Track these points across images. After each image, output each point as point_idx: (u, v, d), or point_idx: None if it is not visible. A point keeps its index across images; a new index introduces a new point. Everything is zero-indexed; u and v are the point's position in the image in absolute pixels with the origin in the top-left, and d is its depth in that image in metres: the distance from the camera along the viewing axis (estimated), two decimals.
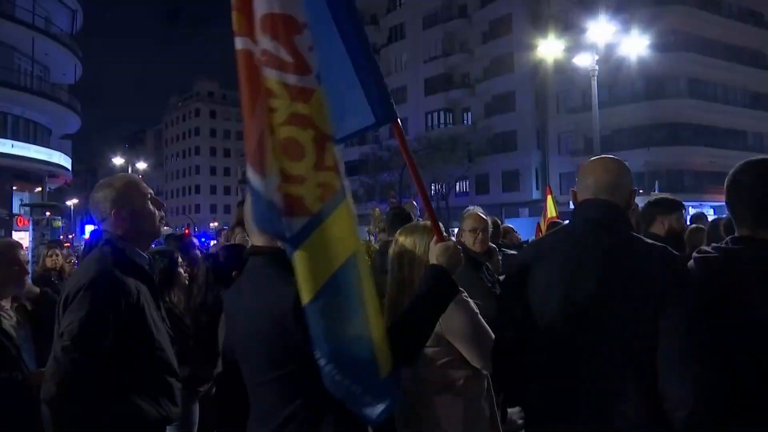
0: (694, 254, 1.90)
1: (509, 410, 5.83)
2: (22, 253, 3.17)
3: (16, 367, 2.77)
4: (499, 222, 5.80)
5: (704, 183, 33.99)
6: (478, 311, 2.53)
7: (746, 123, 39.01)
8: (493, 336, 2.51)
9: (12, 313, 3.07)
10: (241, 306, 1.87)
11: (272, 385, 1.77)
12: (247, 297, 1.88)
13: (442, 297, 1.88)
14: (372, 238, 11.76)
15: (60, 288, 6.00)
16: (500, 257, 5.16)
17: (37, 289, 3.42)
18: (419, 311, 1.85)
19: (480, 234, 4.16)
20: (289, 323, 1.67)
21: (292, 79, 1.61)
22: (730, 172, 1.86)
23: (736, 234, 1.84)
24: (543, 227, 9.05)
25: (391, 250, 2.60)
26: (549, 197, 9.64)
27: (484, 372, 2.53)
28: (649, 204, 3.94)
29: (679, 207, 3.87)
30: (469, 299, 2.55)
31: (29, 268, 3.36)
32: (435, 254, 1.94)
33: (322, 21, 1.81)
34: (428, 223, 2.59)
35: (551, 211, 9.65)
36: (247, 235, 2.06)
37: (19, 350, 2.87)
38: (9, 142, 28.37)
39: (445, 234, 2.05)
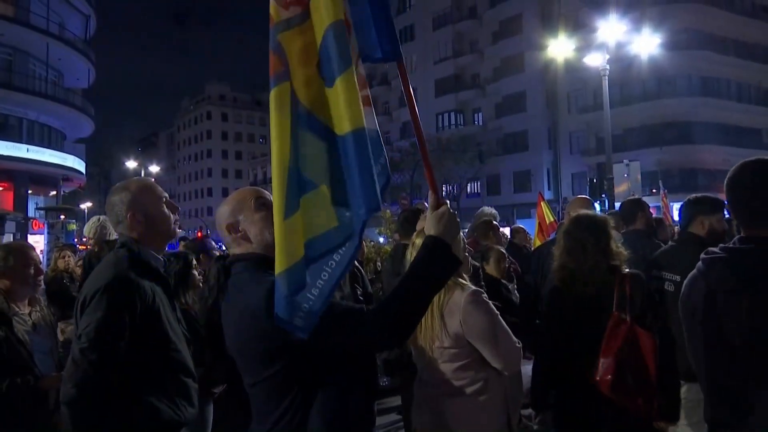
0: (702, 255, 1.90)
1: (523, 413, 5.82)
2: (35, 254, 3.23)
3: (28, 371, 2.83)
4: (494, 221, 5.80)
5: (718, 182, 33.23)
6: (498, 312, 2.54)
7: (760, 120, 38.54)
8: (513, 337, 2.52)
9: (27, 318, 3.12)
10: (227, 313, 1.89)
11: (264, 384, 1.78)
12: (229, 303, 1.90)
13: (439, 271, 1.70)
14: (382, 239, 11.77)
15: (70, 290, 6.09)
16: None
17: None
18: (410, 287, 1.68)
19: None
20: (264, 321, 1.66)
21: None
22: (728, 174, 1.87)
23: (742, 234, 1.83)
24: (545, 230, 8.95)
25: (408, 253, 2.63)
26: (543, 203, 9.59)
27: (505, 373, 2.54)
28: (689, 203, 3.73)
29: (721, 207, 3.64)
30: (488, 300, 2.56)
31: (43, 270, 3.41)
32: (429, 223, 1.75)
33: None
34: None
35: (548, 216, 9.58)
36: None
37: (31, 355, 2.93)
38: (24, 146, 28.71)
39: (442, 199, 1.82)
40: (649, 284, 2.99)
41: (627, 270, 2.86)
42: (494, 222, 5.65)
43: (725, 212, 3.70)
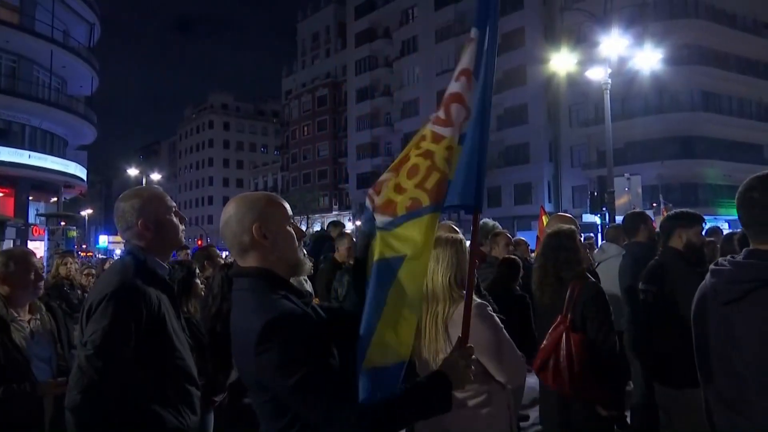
0: (711, 266, 1.93)
1: (522, 424, 5.81)
2: (36, 260, 3.24)
3: (24, 377, 2.84)
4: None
5: (719, 197, 33.72)
6: (503, 326, 2.54)
7: (761, 136, 38.69)
8: (518, 351, 2.52)
9: (26, 325, 3.12)
10: (233, 329, 1.83)
11: (262, 405, 1.76)
12: (233, 320, 1.83)
13: (433, 409, 1.79)
14: None
15: (71, 297, 6.09)
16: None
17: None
18: (400, 409, 1.71)
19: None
20: (252, 356, 1.64)
21: (437, 128, 2.04)
22: (740, 188, 1.89)
23: (751, 247, 1.86)
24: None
25: None
26: (543, 217, 9.61)
27: (508, 387, 2.54)
28: (668, 217, 3.91)
29: (699, 221, 3.81)
30: (494, 313, 2.56)
31: (43, 276, 3.40)
32: (447, 364, 1.86)
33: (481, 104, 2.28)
34: (451, 235, 2.64)
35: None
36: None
37: (28, 361, 2.93)
38: (26, 152, 28.81)
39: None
40: (598, 290, 3.39)
41: (585, 280, 3.36)
42: (508, 235, 5.78)
43: (703, 226, 3.87)
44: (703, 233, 6.50)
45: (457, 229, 2.87)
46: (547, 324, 3.37)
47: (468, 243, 2.81)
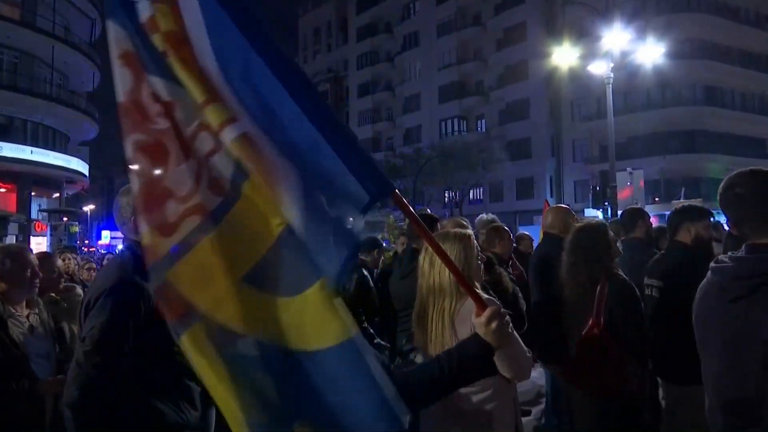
0: (711, 264, 1.91)
1: (524, 419, 5.80)
2: (32, 257, 3.22)
3: (23, 374, 2.81)
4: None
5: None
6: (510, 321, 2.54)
7: (764, 131, 38.58)
8: (524, 346, 2.52)
9: (24, 320, 3.10)
10: None
11: None
12: None
13: (475, 374, 1.78)
14: (384, 243, 11.79)
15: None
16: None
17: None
18: (442, 375, 1.69)
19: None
20: None
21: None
22: (720, 189, 1.87)
23: (749, 242, 1.84)
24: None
25: (421, 258, 2.64)
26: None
27: (514, 381, 2.53)
28: (675, 212, 3.82)
29: (707, 215, 3.72)
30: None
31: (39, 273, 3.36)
32: (481, 328, 1.70)
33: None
34: (459, 230, 2.64)
35: None
36: None
37: (27, 357, 2.90)
38: (28, 148, 28.85)
39: (485, 297, 1.88)
40: (630, 289, 3.26)
41: (615, 277, 3.25)
42: (505, 228, 5.32)
43: (710, 219, 3.77)
44: None
45: (466, 223, 2.84)
46: (574, 320, 3.31)
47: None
